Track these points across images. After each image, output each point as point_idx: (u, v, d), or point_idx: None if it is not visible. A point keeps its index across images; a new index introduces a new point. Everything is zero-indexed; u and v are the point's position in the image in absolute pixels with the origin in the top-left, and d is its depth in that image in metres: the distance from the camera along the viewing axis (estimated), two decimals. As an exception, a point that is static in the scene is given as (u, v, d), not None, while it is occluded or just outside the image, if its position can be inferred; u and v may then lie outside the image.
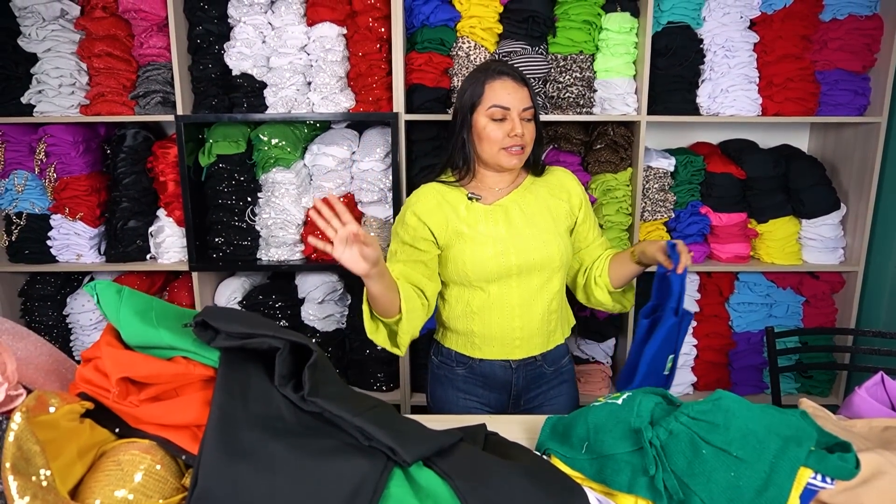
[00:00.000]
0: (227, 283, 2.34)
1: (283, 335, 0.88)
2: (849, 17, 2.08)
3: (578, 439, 0.99)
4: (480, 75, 1.42)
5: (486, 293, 1.45)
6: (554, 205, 1.50)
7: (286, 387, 0.88)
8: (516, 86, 1.40)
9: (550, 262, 1.44)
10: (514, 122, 1.38)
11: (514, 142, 1.39)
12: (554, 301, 1.49)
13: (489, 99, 1.39)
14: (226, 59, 2.13)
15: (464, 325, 1.49)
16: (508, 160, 1.41)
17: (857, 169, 2.22)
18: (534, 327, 1.47)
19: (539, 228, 1.45)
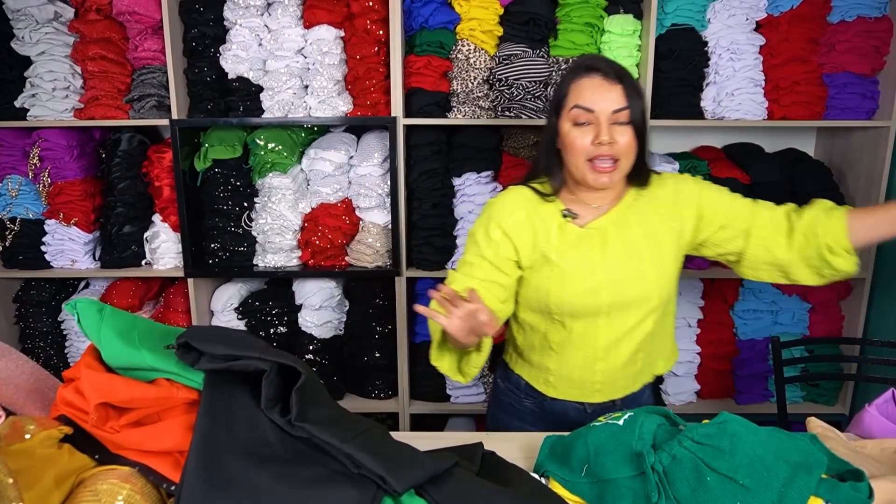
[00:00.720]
0: (223, 290, 2.30)
1: (270, 356, 0.85)
2: (857, 18, 2.04)
3: (578, 461, 0.96)
4: (570, 72, 1.24)
5: (568, 330, 1.27)
6: (660, 229, 1.27)
7: (273, 410, 0.84)
8: (606, 83, 1.17)
9: (647, 301, 1.25)
10: (601, 126, 1.17)
11: (600, 151, 1.17)
12: (646, 341, 1.29)
13: (572, 99, 1.20)
14: (221, 63, 2.10)
15: (538, 359, 1.33)
16: (595, 178, 1.20)
17: (865, 174, 2.18)
18: (618, 370, 1.30)
19: (639, 259, 1.25)
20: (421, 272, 2.20)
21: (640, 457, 0.88)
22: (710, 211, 1.29)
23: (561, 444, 1.01)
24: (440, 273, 2.20)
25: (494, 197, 1.33)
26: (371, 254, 2.18)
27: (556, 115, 1.24)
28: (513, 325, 1.39)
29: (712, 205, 1.29)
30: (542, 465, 1.00)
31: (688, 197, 1.29)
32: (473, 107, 2.08)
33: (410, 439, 1.13)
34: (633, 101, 1.18)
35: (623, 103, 1.17)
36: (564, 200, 1.29)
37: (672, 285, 1.30)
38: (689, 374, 2.31)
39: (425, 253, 2.18)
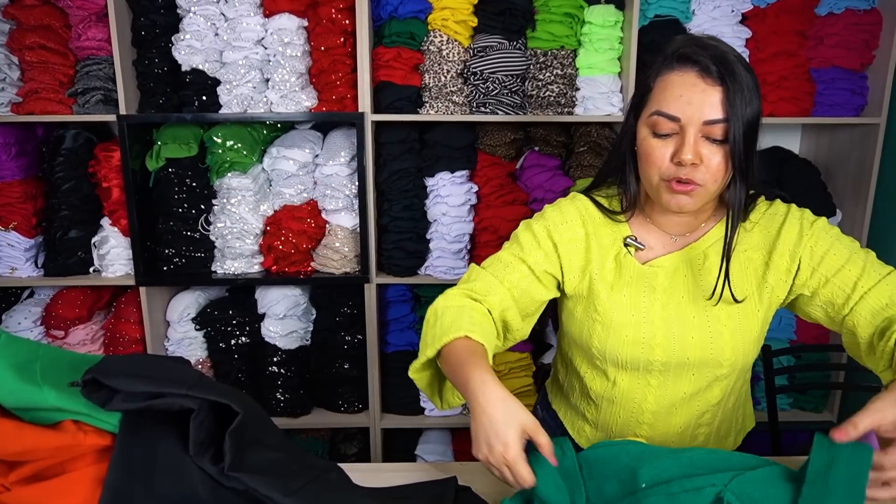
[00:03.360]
0: (179, 299, 2.15)
1: (200, 392, 0.71)
2: (846, 11, 1.96)
3: None
4: (660, 61, 0.94)
5: (611, 382, 1.06)
6: (754, 279, 1.00)
7: (204, 457, 0.71)
8: (702, 83, 0.88)
9: (715, 367, 1.01)
10: (687, 140, 0.89)
11: (678, 173, 0.90)
12: (709, 413, 1.06)
13: (655, 100, 0.92)
14: (174, 54, 1.94)
15: (576, 403, 1.14)
16: (669, 198, 0.93)
17: (854, 173, 2.10)
18: (667, 441, 1.06)
19: (714, 315, 0.99)
20: (392, 278, 2.07)
21: None
22: (824, 279, 0.99)
23: None
24: (412, 279, 2.07)
25: (553, 203, 1.07)
26: (338, 259, 2.04)
27: (634, 114, 0.97)
28: (558, 354, 1.20)
29: (832, 271, 0.99)
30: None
31: (808, 251, 0.99)
32: (447, 102, 1.96)
33: (377, 472, 1.01)
34: (736, 109, 0.87)
35: (720, 113, 0.87)
36: (634, 223, 1.05)
37: (753, 351, 1.03)
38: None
39: (396, 258, 2.05)
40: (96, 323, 2.16)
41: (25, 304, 2.16)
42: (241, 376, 2.16)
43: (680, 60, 0.90)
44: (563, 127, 2.10)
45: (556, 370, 1.23)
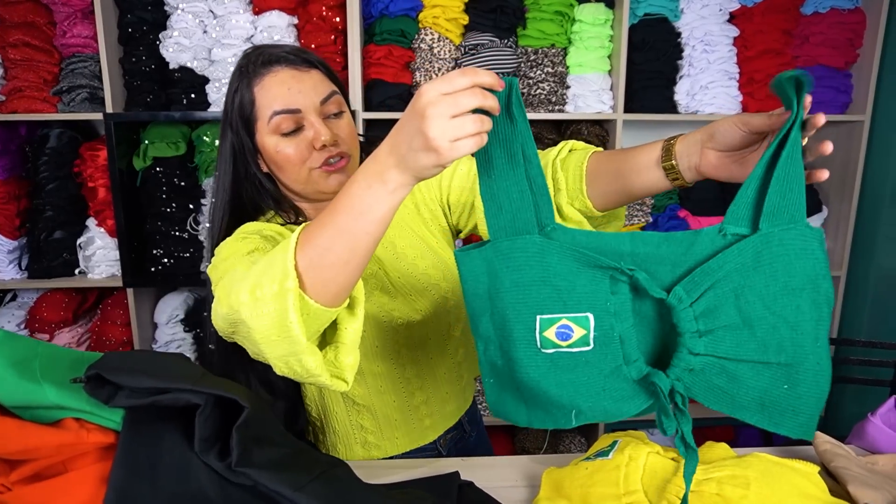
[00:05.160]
0: (167, 300, 2.11)
1: (205, 388, 0.69)
2: (830, 10, 2.00)
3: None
4: (242, 78, 0.92)
5: (364, 375, 1.01)
6: (413, 213, 1.04)
7: (209, 453, 0.69)
8: (298, 72, 0.91)
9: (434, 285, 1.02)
10: (315, 125, 0.90)
11: (326, 154, 0.91)
12: (455, 345, 1.08)
13: (266, 105, 0.90)
14: (162, 51, 1.92)
15: (345, 426, 1.07)
16: (327, 182, 0.93)
17: (839, 170, 2.14)
18: (441, 391, 1.08)
19: (410, 258, 1.02)
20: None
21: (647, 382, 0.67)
22: (457, 190, 1.02)
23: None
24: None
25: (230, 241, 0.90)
26: (330, 258, 2.02)
27: (248, 133, 0.93)
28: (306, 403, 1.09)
29: (455, 183, 1.02)
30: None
31: (440, 177, 1.03)
32: (438, 100, 1.95)
33: (378, 469, 1.00)
34: (338, 83, 0.96)
35: (329, 88, 0.93)
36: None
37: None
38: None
39: (388, 256, 2.04)
40: (82, 326, 2.12)
41: (8, 307, 2.12)
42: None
43: (266, 65, 0.91)
44: (554, 125, 2.11)
45: (309, 417, 1.10)
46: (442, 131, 0.57)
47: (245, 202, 0.98)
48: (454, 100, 0.57)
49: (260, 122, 0.92)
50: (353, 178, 0.66)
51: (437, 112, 0.57)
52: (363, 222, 0.64)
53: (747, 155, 0.72)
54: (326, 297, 0.67)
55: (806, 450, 1.06)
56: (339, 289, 0.68)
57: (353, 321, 0.74)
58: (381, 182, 0.63)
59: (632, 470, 0.83)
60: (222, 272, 0.80)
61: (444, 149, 0.58)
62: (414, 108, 0.59)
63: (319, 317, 0.68)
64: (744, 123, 0.70)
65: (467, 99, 0.57)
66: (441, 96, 0.57)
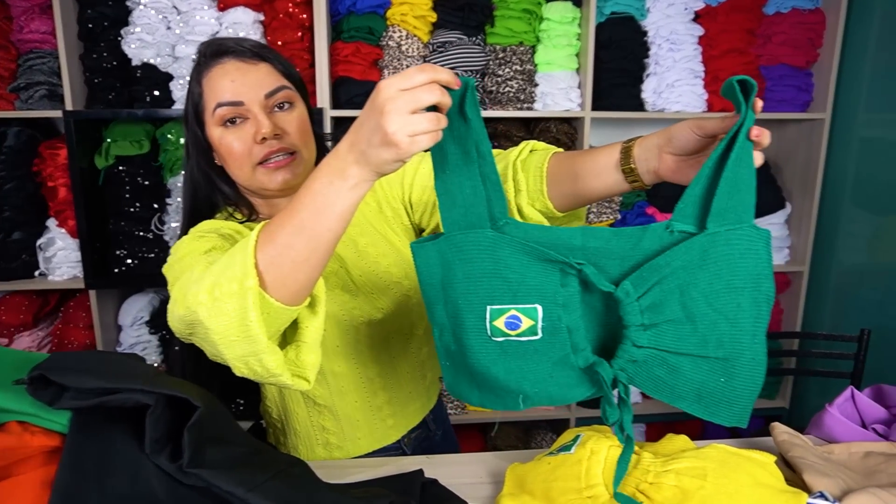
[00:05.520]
0: (132, 302, 2.07)
1: (156, 387, 0.68)
2: (792, 10, 2.03)
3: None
4: (195, 70, 0.92)
5: (327, 374, 1.00)
6: (375, 211, 1.03)
7: (161, 455, 0.67)
8: (245, 65, 0.90)
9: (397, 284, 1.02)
10: (259, 117, 0.89)
11: (267, 149, 0.89)
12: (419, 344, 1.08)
13: (211, 97, 0.90)
14: (123, 48, 1.87)
15: (307, 428, 1.05)
16: (270, 178, 0.90)
17: (801, 166, 2.18)
18: (404, 391, 1.07)
19: (372, 256, 1.01)
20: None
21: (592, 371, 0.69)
22: (419, 188, 1.01)
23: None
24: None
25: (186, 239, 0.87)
26: (298, 258, 2.00)
27: (200, 125, 0.92)
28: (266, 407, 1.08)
29: (416, 181, 1.01)
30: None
31: (388, 176, 1.02)
32: (407, 98, 1.95)
33: (341, 469, 0.99)
34: (292, 77, 0.94)
35: (279, 82, 0.92)
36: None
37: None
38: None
39: (358, 255, 2.03)
40: (43, 329, 2.07)
41: (-35, 310, 2.05)
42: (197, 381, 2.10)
43: (214, 57, 0.90)
44: (523, 122, 2.12)
45: (268, 418, 1.09)
46: (400, 126, 0.57)
47: (201, 199, 0.97)
48: (412, 96, 0.57)
49: (207, 113, 0.91)
50: (313, 175, 0.65)
51: (395, 107, 0.57)
52: (324, 219, 0.64)
53: (703, 159, 0.72)
54: (287, 296, 0.67)
55: (765, 440, 1.07)
56: (299, 287, 0.67)
57: (314, 319, 0.73)
58: (341, 178, 0.63)
59: (593, 464, 0.84)
60: (178, 272, 0.79)
61: (403, 143, 0.58)
62: (373, 104, 0.59)
63: (280, 315, 0.68)
64: (698, 127, 0.70)
65: (425, 95, 0.58)
66: (399, 92, 0.58)
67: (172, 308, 0.74)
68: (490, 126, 2.09)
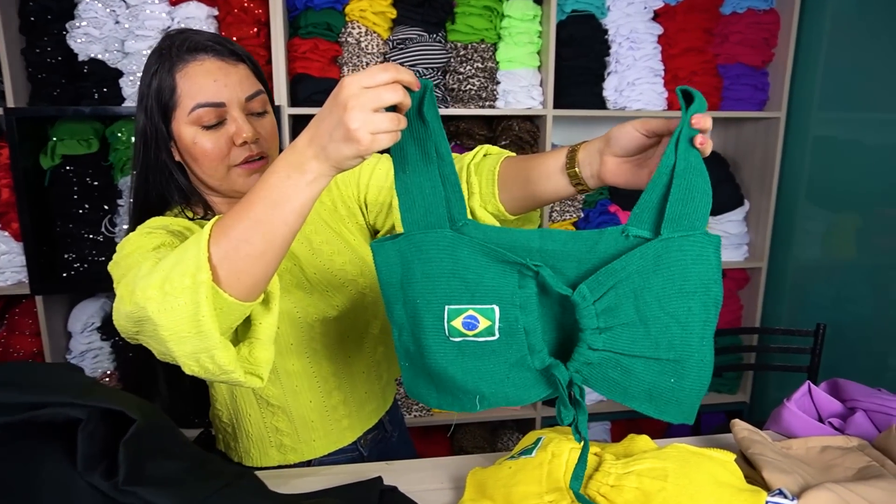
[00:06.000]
0: (82, 307, 1.99)
1: (88, 400, 0.64)
2: (748, 10, 2.06)
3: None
4: (163, 60, 0.87)
5: (279, 373, 0.97)
6: (330, 210, 1.03)
7: (94, 472, 0.63)
8: (226, 64, 0.88)
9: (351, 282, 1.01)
10: (238, 121, 0.87)
11: (246, 152, 0.88)
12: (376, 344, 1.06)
13: (188, 95, 0.86)
14: (69, 42, 1.79)
15: (259, 429, 1.01)
16: (245, 181, 0.90)
17: (759, 164, 2.22)
18: (360, 390, 1.05)
19: (327, 255, 1.00)
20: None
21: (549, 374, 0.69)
22: (374, 188, 1.01)
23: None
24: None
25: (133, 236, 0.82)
26: (257, 259, 1.94)
27: (165, 120, 0.88)
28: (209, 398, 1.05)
29: (370, 182, 1.01)
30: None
31: (343, 176, 1.03)
32: (367, 95, 1.91)
33: (296, 476, 0.96)
34: (263, 81, 0.94)
35: (256, 86, 0.91)
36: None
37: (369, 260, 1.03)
38: (599, 371, 2.26)
39: (319, 256, 1.98)
40: (-14, 337, 1.97)
41: None
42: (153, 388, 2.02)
43: (192, 52, 0.87)
44: (485, 120, 2.10)
45: (217, 422, 1.05)
46: (363, 123, 0.58)
47: (153, 193, 0.93)
48: (376, 94, 0.58)
49: (179, 110, 0.87)
50: (270, 169, 0.64)
51: (358, 104, 0.57)
52: (280, 212, 0.63)
53: (644, 161, 0.73)
54: (241, 291, 0.65)
55: (726, 437, 1.08)
56: (254, 281, 0.66)
57: (267, 316, 0.72)
58: (300, 172, 0.62)
59: (555, 467, 0.82)
60: (125, 269, 0.76)
61: (365, 140, 0.58)
62: (336, 100, 0.59)
63: (233, 311, 0.66)
64: (642, 125, 0.71)
65: (388, 94, 0.58)
66: (363, 89, 0.58)
67: (119, 306, 0.71)
68: (452, 124, 2.07)
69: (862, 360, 1.88)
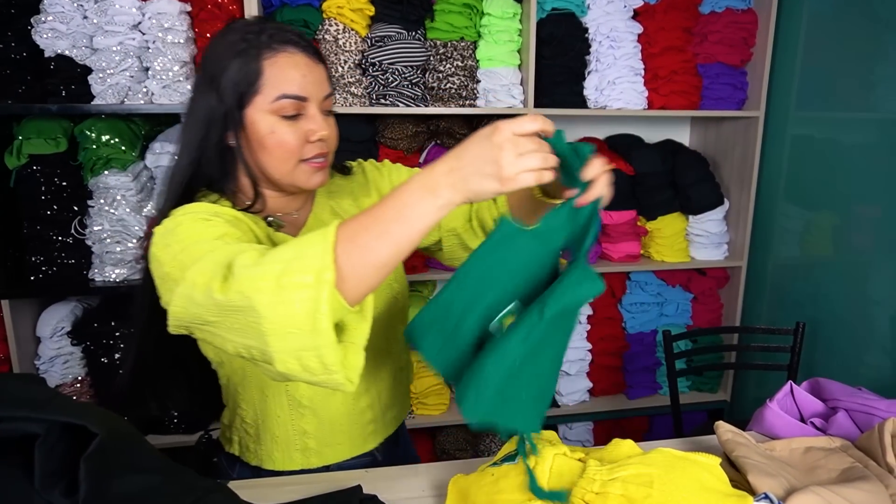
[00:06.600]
0: (51, 311, 1.93)
1: (47, 414, 0.60)
2: (726, 10, 2.07)
3: None
4: (249, 45, 0.86)
5: None
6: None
7: (54, 490, 0.60)
8: (311, 61, 0.89)
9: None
10: (316, 119, 0.89)
11: (318, 150, 0.90)
12: (400, 345, 1.09)
13: (274, 84, 0.86)
14: (34, 37, 1.73)
15: (285, 430, 1.01)
16: (309, 178, 0.91)
17: (738, 163, 2.22)
18: (388, 391, 1.08)
19: None
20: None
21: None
22: None
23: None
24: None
25: (170, 218, 0.83)
26: (233, 261, 1.90)
27: (239, 105, 0.87)
28: (229, 398, 1.04)
29: None
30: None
31: (379, 182, 1.07)
32: (345, 93, 1.88)
33: (274, 486, 0.93)
34: (332, 82, 0.97)
35: (330, 87, 0.93)
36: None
37: (402, 274, 1.08)
38: (581, 372, 2.25)
39: (297, 258, 1.95)
40: (-50, 343, 1.90)
41: None
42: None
43: (282, 43, 0.87)
44: (465, 119, 2.08)
45: (232, 420, 1.05)
46: (513, 165, 0.65)
47: (202, 175, 0.91)
48: (526, 142, 0.66)
49: (260, 97, 0.86)
50: (405, 187, 0.68)
51: (512, 148, 0.65)
52: (409, 230, 0.67)
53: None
54: (354, 296, 0.67)
55: (710, 439, 1.07)
56: (367, 289, 0.69)
57: (362, 322, 0.72)
58: (433, 196, 0.67)
59: (538, 473, 0.80)
60: (196, 255, 0.74)
61: (511, 181, 0.65)
62: (490, 140, 0.66)
63: (338, 314, 0.66)
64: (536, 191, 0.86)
65: (532, 144, 0.66)
66: (515, 136, 0.65)
67: (191, 293, 0.71)
68: (432, 123, 2.04)
69: (841, 358, 1.90)
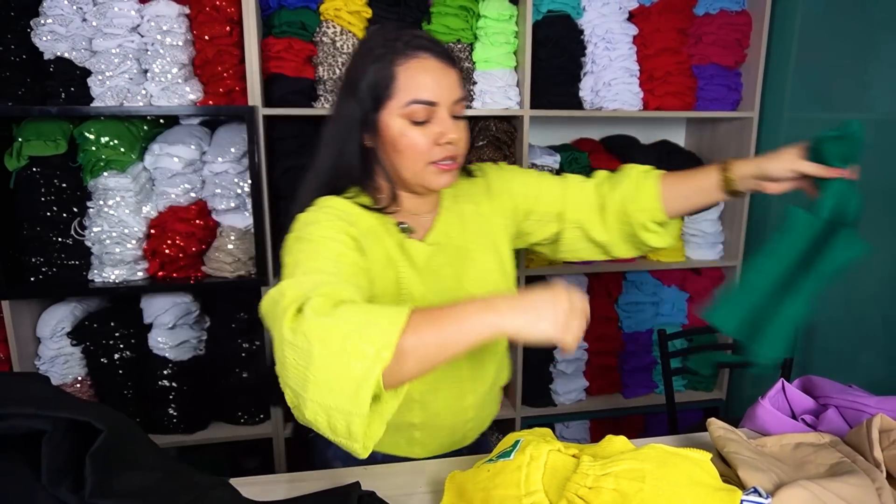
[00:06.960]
0: (51, 312, 1.94)
1: (52, 411, 0.62)
2: (720, 11, 2.08)
3: None
4: (386, 51, 0.91)
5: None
6: (491, 227, 1.09)
7: (61, 486, 0.61)
8: (443, 66, 0.93)
9: None
10: (446, 123, 0.92)
11: (446, 152, 0.93)
12: (499, 350, 1.13)
13: (406, 89, 0.90)
14: (34, 40, 1.75)
15: (396, 418, 0.99)
16: (437, 179, 0.95)
17: (732, 164, 2.24)
18: (485, 396, 1.11)
19: (484, 267, 1.06)
20: (291, 280, 1.97)
21: None
22: (522, 197, 1.12)
23: None
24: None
25: (314, 209, 0.94)
26: (231, 262, 1.92)
27: (375, 107, 0.92)
28: None
29: (523, 190, 1.12)
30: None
31: (499, 186, 1.12)
32: (343, 95, 1.89)
33: (277, 484, 0.95)
34: (464, 88, 1.03)
35: (461, 92, 0.95)
36: (395, 215, 1.03)
37: (513, 275, 1.13)
38: (578, 371, 2.27)
39: (295, 258, 1.96)
40: (-49, 344, 1.92)
41: None
42: (126, 393, 1.99)
43: (415, 49, 0.92)
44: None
45: None
46: (568, 330, 0.74)
47: (343, 175, 0.99)
48: (582, 312, 0.75)
49: (393, 101, 0.92)
50: (473, 301, 0.74)
51: (575, 312, 0.74)
52: (461, 338, 0.71)
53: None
54: (394, 381, 0.70)
55: (702, 436, 1.09)
56: (407, 378, 0.71)
57: (395, 399, 0.74)
58: (492, 316, 0.72)
59: (533, 470, 0.82)
60: (305, 255, 0.84)
61: (559, 337, 0.73)
62: (559, 297, 0.74)
63: (379, 389, 0.69)
64: (796, 170, 1.02)
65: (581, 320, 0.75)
66: (573, 308, 0.74)
67: (284, 291, 0.76)
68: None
69: (834, 357, 1.92)
